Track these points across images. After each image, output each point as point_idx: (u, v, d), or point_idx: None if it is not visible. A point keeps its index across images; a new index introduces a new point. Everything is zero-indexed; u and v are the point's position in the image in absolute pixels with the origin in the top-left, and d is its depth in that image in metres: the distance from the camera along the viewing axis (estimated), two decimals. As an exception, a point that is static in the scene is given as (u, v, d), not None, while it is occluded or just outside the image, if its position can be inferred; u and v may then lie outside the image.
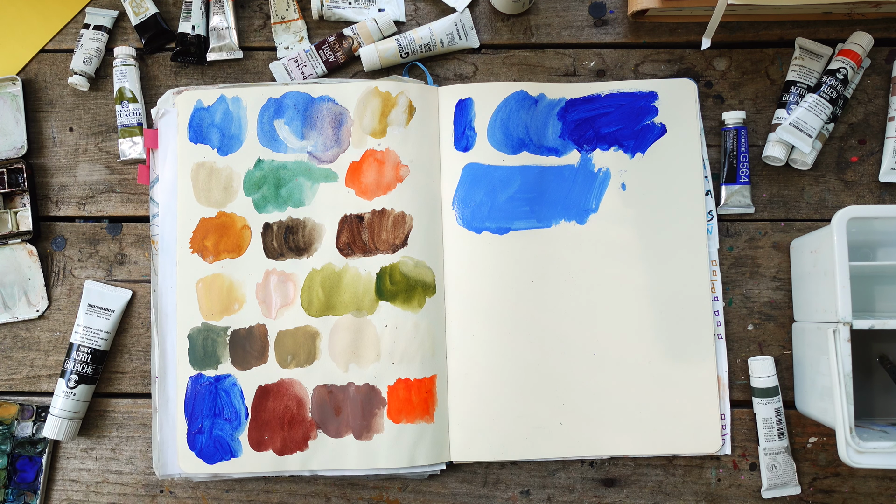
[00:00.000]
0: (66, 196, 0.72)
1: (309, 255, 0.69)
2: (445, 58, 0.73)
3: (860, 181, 0.70)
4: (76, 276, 0.71)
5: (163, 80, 0.74)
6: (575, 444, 0.67)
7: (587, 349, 0.68)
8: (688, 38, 0.73)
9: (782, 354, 0.69)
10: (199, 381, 0.68)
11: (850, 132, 0.71)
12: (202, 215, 0.69)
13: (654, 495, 0.68)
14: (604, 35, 0.73)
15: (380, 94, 0.70)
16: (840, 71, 0.68)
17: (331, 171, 0.70)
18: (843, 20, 0.72)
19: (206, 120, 0.70)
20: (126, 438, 0.70)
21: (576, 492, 0.68)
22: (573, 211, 0.70)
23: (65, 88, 0.74)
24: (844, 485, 0.68)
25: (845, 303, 0.57)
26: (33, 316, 0.71)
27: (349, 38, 0.72)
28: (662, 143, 0.70)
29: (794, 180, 0.71)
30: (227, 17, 0.72)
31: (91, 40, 0.72)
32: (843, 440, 0.57)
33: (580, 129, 0.71)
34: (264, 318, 0.68)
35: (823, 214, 0.70)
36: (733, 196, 0.69)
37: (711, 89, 0.72)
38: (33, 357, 0.71)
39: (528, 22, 0.73)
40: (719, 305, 0.69)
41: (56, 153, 0.73)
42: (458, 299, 0.69)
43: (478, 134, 0.70)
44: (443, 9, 0.74)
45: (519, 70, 0.73)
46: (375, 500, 0.68)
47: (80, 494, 0.69)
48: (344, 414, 0.67)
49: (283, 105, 0.70)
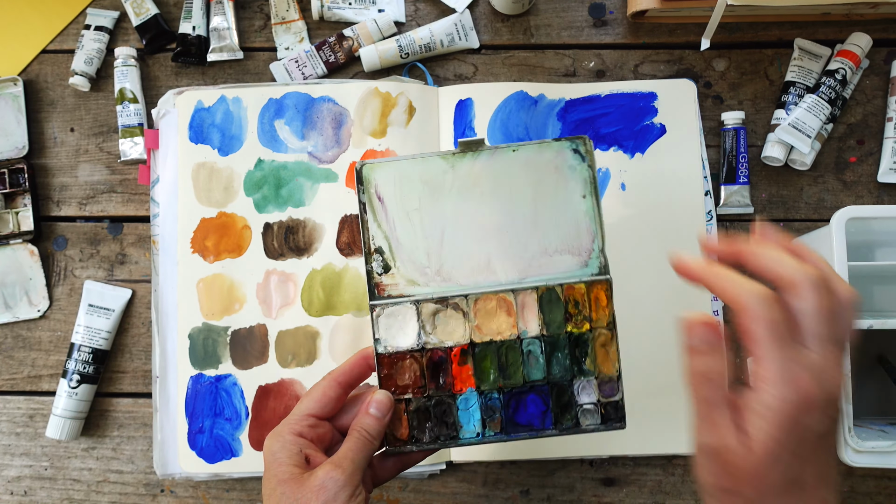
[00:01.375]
0: (67, 196, 0.73)
1: (309, 255, 0.69)
2: (445, 58, 0.73)
3: (859, 181, 0.71)
4: (77, 276, 0.72)
5: (163, 80, 0.74)
6: (575, 443, 0.67)
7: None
8: (687, 39, 0.73)
9: (781, 354, 0.69)
10: (200, 381, 0.68)
11: (849, 132, 0.71)
12: (203, 215, 0.70)
13: (654, 495, 0.68)
14: (603, 35, 0.73)
15: (380, 94, 0.70)
16: (839, 71, 0.68)
17: (331, 172, 0.70)
18: (842, 21, 0.72)
19: (206, 120, 0.71)
20: (127, 438, 0.70)
21: (575, 491, 0.68)
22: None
23: (66, 89, 0.74)
24: (843, 484, 0.68)
25: None
26: (34, 316, 0.71)
27: (349, 38, 0.72)
28: (662, 143, 0.70)
29: (793, 180, 0.71)
30: (228, 18, 0.72)
31: (92, 41, 0.72)
32: (842, 440, 0.57)
33: (580, 130, 0.71)
34: (265, 318, 0.68)
35: (822, 214, 0.71)
36: (732, 196, 0.70)
37: (711, 90, 0.72)
38: (34, 357, 0.71)
39: (528, 22, 0.74)
40: (719, 305, 0.69)
41: (57, 153, 0.73)
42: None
43: (478, 134, 0.70)
44: (443, 9, 0.74)
45: (519, 70, 0.73)
46: (375, 499, 0.69)
47: (81, 494, 0.69)
48: (344, 413, 0.67)
49: (284, 105, 0.71)
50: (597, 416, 0.51)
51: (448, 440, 0.51)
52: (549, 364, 0.51)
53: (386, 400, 0.49)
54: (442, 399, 0.51)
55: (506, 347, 0.51)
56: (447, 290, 0.51)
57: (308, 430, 0.48)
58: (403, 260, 0.51)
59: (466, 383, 0.51)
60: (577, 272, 0.51)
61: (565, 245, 0.51)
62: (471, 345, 0.51)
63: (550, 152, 0.52)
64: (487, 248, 0.51)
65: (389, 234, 0.51)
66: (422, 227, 0.51)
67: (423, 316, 0.51)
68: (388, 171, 0.51)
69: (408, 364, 0.51)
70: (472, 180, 0.51)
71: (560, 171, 0.51)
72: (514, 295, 0.51)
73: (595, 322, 0.51)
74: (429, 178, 0.51)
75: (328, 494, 0.43)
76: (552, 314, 0.51)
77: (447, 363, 0.51)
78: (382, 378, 0.51)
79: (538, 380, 0.51)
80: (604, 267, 0.52)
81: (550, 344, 0.51)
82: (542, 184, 0.51)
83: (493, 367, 0.51)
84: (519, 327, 0.51)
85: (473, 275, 0.51)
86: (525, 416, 0.51)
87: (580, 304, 0.51)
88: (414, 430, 0.51)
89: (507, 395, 0.51)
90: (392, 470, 0.53)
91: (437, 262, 0.52)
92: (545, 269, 0.51)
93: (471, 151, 0.51)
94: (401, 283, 0.51)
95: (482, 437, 0.51)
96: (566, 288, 0.51)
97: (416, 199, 0.51)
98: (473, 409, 0.51)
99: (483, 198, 0.52)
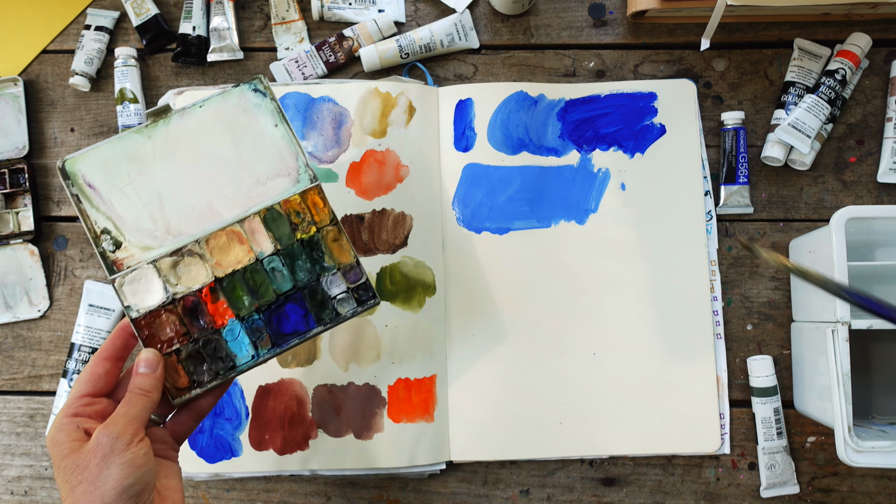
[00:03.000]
0: (67, 196, 0.73)
1: (309, 255, 0.69)
2: (445, 58, 0.73)
3: (858, 181, 0.71)
4: (77, 276, 0.72)
5: (164, 80, 0.74)
6: (574, 443, 0.67)
7: (587, 349, 0.68)
8: (687, 39, 0.73)
9: (781, 354, 0.69)
10: (200, 381, 0.68)
11: (849, 133, 0.71)
12: (202, 215, 0.70)
13: (654, 494, 0.68)
14: (603, 36, 0.73)
15: (380, 94, 0.70)
16: (838, 72, 0.68)
17: (331, 172, 0.70)
18: (842, 21, 0.72)
19: (206, 120, 0.71)
20: (127, 438, 0.70)
21: (575, 491, 0.68)
22: (573, 211, 0.70)
23: (66, 89, 0.74)
24: (843, 484, 0.68)
25: (844, 303, 0.58)
26: (35, 316, 0.71)
27: (349, 38, 0.72)
28: (662, 143, 0.70)
29: (793, 180, 0.71)
30: (228, 18, 0.72)
31: (92, 41, 0.72)
32: (842, 439, 0.57)
33: (580, 130, 0.71)
34: (265, 318, 0.68)
35: (822, 215, 0.71)
36: (732, 196, 0.70)
37: (710, 90, 0.72)
38: (35, 357, 0.71)
39: (528, 23, 0.74)
40: (718, 305, 0.69)
41: (58, 153, 0.73)
42: (458, 299, 0.69)
43: (478, 134, 0.70)
44: (443, 9, 0.74)
45: (519, 70, 0.73)
46: (375, 499, 0.69)
47: (81, 494, 0.69)
48: (344, 413, 0.67)
49: (284, 105, 0.71)
50: (352, 301, 0.56)
51: (227, 371, 0.54)
52: (293, 272, 0.55)
53: (152, 356, 0.51)
54: (208, 338, 0.54)
55: (249, 272, 0.55)
56: (182, 244, 0.54)
57: (83, 409, 0.48)
58: (131, 231, 0.54)
59: (226, 316, 0.54)
60: (291, 189, 0.56)
61: (274, 171, 0.56)
62: (216, 281, 0.54)
63: (234, 97, 0.55)
64: (206, 197, 0.55)
65: (110, 213, 0.54)
66: (138, 197, 0.54)
67: (163, 272, 0.54)
68: (90, 159, 0.54)
69: (165, 318, 0.54)
70: (171, 143, 0.55)
71: (248, 111, 0.55)
72: (241, 224, 0.55)
73: (319, 223, 0.56)
74: (131, 154, 0.54)
75: (105, 449, 0.45)
76: (280, 230, 0.55)
77: (201, 304, 0.54)
78: (146, 339, 0.53)
79: (289, 289, 0.55)
80: (313, 177, 0.56)
81: (288, 255, 0.55)
82: (237, 126, 0.55)
83: (244, 293, 0.55)
84: (255, 251, 0.55)
85: (201, 222, 0.55)
86: (289, 326, 0.55)
87: (301, 213, 0.56)
88: (192, 375, 0.53)
89: (267, 312, 0.55)
90: (188, 422, 0.54)
91: (164, 223, 0.54)
92: (264, 196, 0.55)
93: (161, 119, 0.54)
94: (136, 252, 0.54)
95: (258, 358, 0.54)
96: (283, 203, 0.55)
97: (126, 175, 0.54)
98: (241, 336, 0.54)
99: (187, 154, 0.55)
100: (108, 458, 0.44)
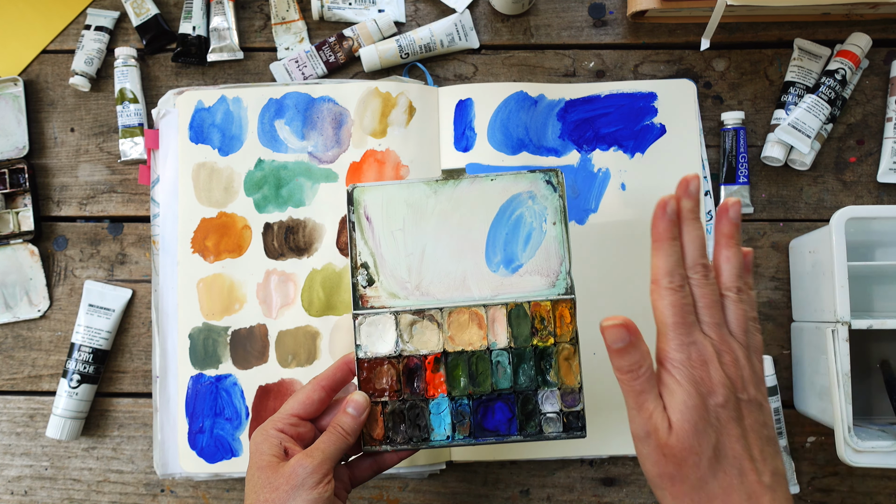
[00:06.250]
0: (67, 196, 0.73)
1: (309, 255, 0.69)
2: (445, 58, 0.73)
3: (858, 181, 0.71)
4: (77, 276, 0.72)
5: (164, 80, 0.74)
6: (575, 443, 0.67)
7: (587, 349, 0.68)
8: (687, 39, 0.73)
9: (781, 354, 0.69)
10: (200, 381, 0.68)
11: (849, 133, 0.71)
12: (203, 215, 0.70)
13: (654, 494, 0.68)
14: (603, 36, 0.74)
15: (380, 94, 0.70)
16: (838, 72, 0.68)
17: (331, 172, 0.70)
18: (842, 21, 0.72)
19: (206, 120, 0.71)
20: (127, 438, 0.70)
21: (575, 491, 0.68)
22: (573, 211, 0.70)
23: (66, 89, 0.74)
24: (843, 484, 0.68)
25: (844, 303, 0.58)
26: (35, 316, 0.71)
27: (349, 38, 0.72)
28: (662, 143, 0.71)
29: (793, 181, 0.71)
30: (228, 18, 0.73)
31: (92, 41, 0.72)
32: (842, 439, 0.57)
33: (580, 130, 0.71)
34: (265, 318, 0.68)
35: (822, 215, 0.71)
36: (732, 196, 0.70)
37: (710, 90, 0.72)
38: (35, 357, 0.71)
39: (528, 23, 0.74)
40: (718, 305, 0.69)
41: (57, 153, 0.73)
42: (458, 299, 0.69)
43: (478, 134, 0.70)
44: (443, 9, 0.74)
45: (519, 70, 0.73)
46: (375, 499, 0.69)
47: (81, 493, 0.69)
48: (344, 413, 0.67)
49: (284, 105, 0.71)
50: (559, 424, 0.55)
51: (420, 441, 0.55)
52: (516, 374, 0.55)
53: (362, 400, 0.53)
54: (416, 403, 0.55)
55: (476, 357, 0.55)
56: (425, 304, 0.56)
57: (290, 428, 0.52)
58: (386, 275, 0.56)
59: (439, 389, 0.55)
60: (544, 292, 0.55)
61: (535, 267, 0.56)
62: (444, 354, 0.55)
63: (525, 182, 0.56)
64: (464, 267, 0.56)
65: (375, 250, 0.56)
66: (404, 245, 0.56)
67: (401, 326, 0.55)
68: (377, 193, 0.56)
69: (385, 369, 0.55)
70: (452, 205, 0.56)
71: (534, 200, 0.56)
72: (486, 309, 0.55)
73: (559, 337, 0.55)
74: (413, 202, 0.56)
75: (297, 479, 0.48)
76: (520, 328, 0.55)
77: (422, 370, 0.55)
78: (362, 381, 0.55)
79: (505, 388, 0.55)
80: (570, 288, 0.55)
81: (517, 355, 0.55)
82: (517, 210, 0.56)
83: (463, 374, 0.55)
84: (489, 339, 0.55)
85: (449, 291, 0.56)
86: (492, 422, 0.55)
87: (546, 320, 0.55)
88: (389, 431, 0.55)
89: (477, 401, 0.55)
90: (368, 470, 0.56)
91: (417, 278, 0.56)
92: (516, 288, 0.56)
93: (452, 179, 0.56)
94: (383, 295, 0.56)
95: (452, 441, 0.55)
96: (533, 305, 0.55)
97: (401, 219, 0.56)
98: (444, 414, 0.55)
99: (462, 221, 0.56)
100: (297, 490, 0.48)
